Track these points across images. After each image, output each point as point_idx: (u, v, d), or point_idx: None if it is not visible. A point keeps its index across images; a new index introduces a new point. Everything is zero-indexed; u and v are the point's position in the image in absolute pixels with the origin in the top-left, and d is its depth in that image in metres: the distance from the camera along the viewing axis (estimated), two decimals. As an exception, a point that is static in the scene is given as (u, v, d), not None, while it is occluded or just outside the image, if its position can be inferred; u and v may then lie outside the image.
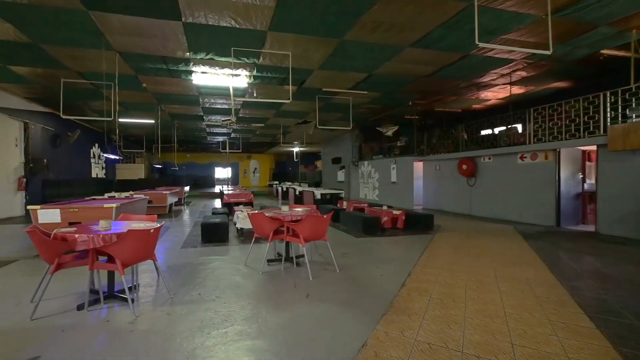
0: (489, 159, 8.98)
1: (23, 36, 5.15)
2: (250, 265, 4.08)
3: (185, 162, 26.16)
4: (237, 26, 4.85)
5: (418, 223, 6.63)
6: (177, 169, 17.61)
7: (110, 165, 16.62)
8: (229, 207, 8.61)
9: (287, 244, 4.07)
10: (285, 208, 4.26)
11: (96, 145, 14.62)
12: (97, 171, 14.80)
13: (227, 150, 16.09)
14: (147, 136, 15.85)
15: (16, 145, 8.98)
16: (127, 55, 5.94)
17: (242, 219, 5.57)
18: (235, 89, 7.84)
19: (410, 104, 9.81)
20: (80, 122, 12.13)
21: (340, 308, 2.78)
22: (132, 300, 2.74)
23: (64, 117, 7.39)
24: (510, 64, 6.66)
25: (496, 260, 4.32)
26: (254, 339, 2.25)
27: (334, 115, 11.69)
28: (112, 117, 7.06)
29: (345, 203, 8.82)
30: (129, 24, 4.77)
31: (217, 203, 12.98)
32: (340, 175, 16.51)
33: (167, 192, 9.21)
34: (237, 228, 6.03)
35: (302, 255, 4.22)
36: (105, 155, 15.49)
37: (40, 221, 4.49)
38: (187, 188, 13.93)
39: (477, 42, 3.83)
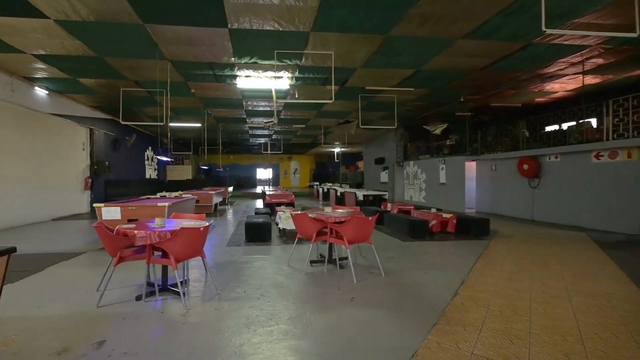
0: (556, 157, 8.11)
1: (90, 51, 5.89)
2: (293, 265, 4.17)
3: (229, 163, 27.66)
4: (280, 29, 5.01)
5: (471, 227, 6.22)
6: (221, 170, 18.75)
7: (161, 166, 18.29)
8: (271, 208, 8.90)
9: (330, 245, 4.08)
10: (328, 209, 4.29)
11: (149, 148, 16.28)
12: (150, 172, 16.47)
13: (269, 152, 16.71)
14: (194, 139, 17.10)
15: (83, 149, 10.29)
16: (177, 63, 6.47)
17: (284, 219, 5.73)
18: (277, 91, 8.11)
19: (461, 99, 9.26)
20: (136, 127, 13.55)
21: (387, 314, 2.71)
22: (184, 294, 2.96)
23: (123, 122, 8.29)
24: (583, 51, 5.94)
25: (566, 271, 3.88)
26: (299, 339, 2.28)
27: (377, 114, 11.50)
28: (164, 121, 7.80)
29: (389, 205, 8.61)
30: (180, 34, 5.20)
31: (259, 203, 13.49)
32: (384, 176, 16.18)
33: (213, 192, 9.81)
34: (279, 228, 6.21)
35: (346, 258, 4.21)
36: (159, 157, 17.10)
37: (103, 218, 5.06)
38: (230, 188, 14.76)
39: (543, 28, 3.49)
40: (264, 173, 30.36)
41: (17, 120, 7.47)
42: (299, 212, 4.19)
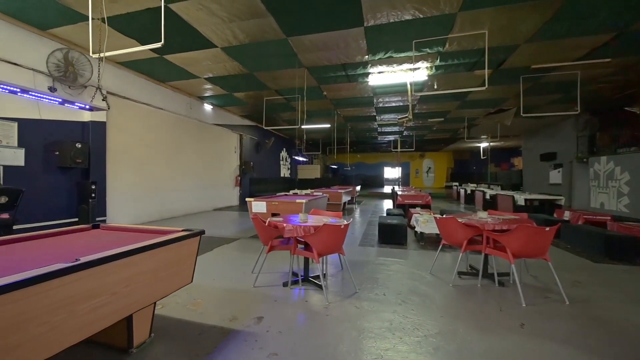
0: None
1: (244, 69, 7.32)
2: (436, 274, 3.92)
3: (355, 162, 28.85)
4: (421, 16, 4.85)
5: None
6: (349, 169, 19.76)
7: (293, 166, 20.89)
8: (404, 209, 8.70)
9: (486, 257, 3.61)
10: (482, 214, 3.82)
11: (284, 149, 19.03)
12: (284, 171, 19.24)
13: (399, 149, 16.42)
14: (323, 139, 18.68)
15: (235, 152, 12.98)
16: (313, 69, 7.23)
17: (422, 222, 5.47)
18: (413, 84, 7.90)
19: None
20: (274, 131, 16.00)
21: (578, 354, 2.16)
22: (325, 287, 3.22)
23: (265, 128, 10.03)
24: None
25: None
26: (455, 359, 2.10)
27: (547, 98, 9.51)
28: (298, 124, 8.92)
29: (566, 213, 6.95)
30: (317, 41, 5.78)
31: (388, 204, 13.49)
32: (554, 176, 13.21)
33: (342, 191, 10.39)
34: (415, 232, 5.98)
35: (507, 274, 3.64)
36: (295, 157, 19.63)
37: (253, 210, 6.12)
38: (358, 187, 15.36)
39: None
40: (392, 172, 30.13)
41: (193, 130, 10.06)
42: (446, 216, 3.89)
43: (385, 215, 7.34)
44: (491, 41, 5.53)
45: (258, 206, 6.09)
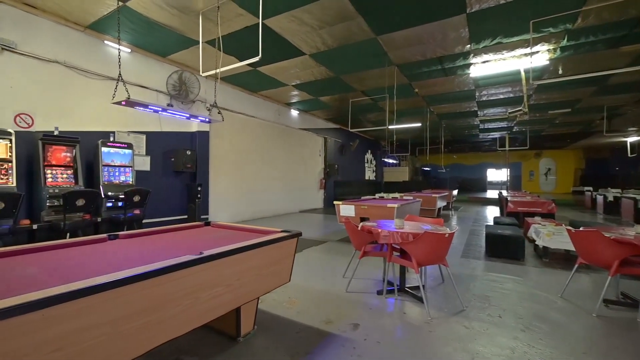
0: None
1: (331, 73, 7.61)
2: (570, 299, 3.35)
3: (450, 163, 26.75)
4: None
5: None
6: (443, 170, 18.48)
7: (379, 168, 20.64)
8: (516, 217, 7.73)
9: (645, 280, 2.93)
10: (640, 227, 3.13)
11: (369, 151, 18.97)
12: (369, 174, 19.14)
13: (507, 148, 14.64)
14: (412, 139, 17.93)
15: (319, 155, 13.51)
16: (404, 66, 7.08)
17: (545, 235, 4.75)
18: (528, 71, 7.01)
19: None
20: (358, 133, 16.06)
21: None
22: (425, 300, 3.05)
23: (351, 130, 10.20)
24: None
25: None
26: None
27: None
28: (386, 125, 8.80)
29: None
30: (410, 36, 5.64)
31: (493, 211, 12.21)
32: None
33: (437, 195, 9.76)
34: (535, 245, 5.24)
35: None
36: (384, 160, 19.35)
37: (341, 214, 6.22)
38: (455, 192, 14.25)
39: None
40: (496, 174, 27.14)
41: (280, 136, 10.84)
42: (584, 229, 3.30)
43: (492, 224, 6.62)
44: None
45: (346, 209, 6.17)
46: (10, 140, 4.21)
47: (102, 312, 1.30)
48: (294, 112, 11.56)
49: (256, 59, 3.88)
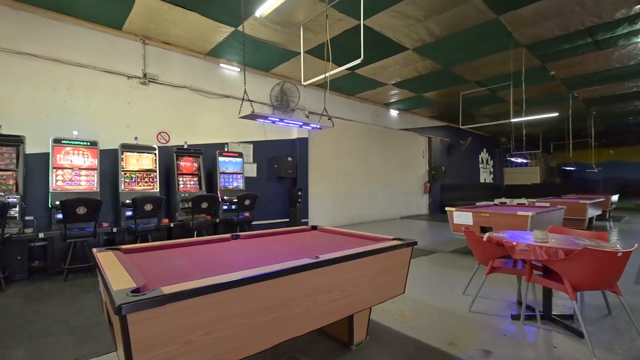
0: None
1: (438, 65, 7.30)
2: None
3: (603, 160, 21.86)
4: None
5: None
6: (595, 170, 15.25)
7: (498, 169, 18.66)
8: None
9: None
10: None
11: (484, 150, 17.26)
12: (485, 176, 17.44)
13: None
14: (544, 134, 15.63)
15: (423, 157, 12.98)
16: (535, 46, 6.35)
17: None
18: None
19: None
20: (470, 130, 14.77)
21: None
22: (587, 335, 2.54)
23: (462, 127, 9.55)
24: None
25: None
26: None
27: None
28: (510, 117, 7.88)
29: None
30: (543, 9, 5.04)
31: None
32: None
33: (588, 201, 8.22)
34: None
35: None
36: (511, 159, 17.49)
37: (455, 222, 5.81)
38: (614, 197, 11.85)
39: None
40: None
41: (378, 138, 10.82)
42: None
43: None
44: None
45: (462, 217, 5.78)
46: (155, 154, 5.52)
47: (238, 305, 1.52)
48: (393, 112, 11.44)
49: (358, 61, 3.98)
